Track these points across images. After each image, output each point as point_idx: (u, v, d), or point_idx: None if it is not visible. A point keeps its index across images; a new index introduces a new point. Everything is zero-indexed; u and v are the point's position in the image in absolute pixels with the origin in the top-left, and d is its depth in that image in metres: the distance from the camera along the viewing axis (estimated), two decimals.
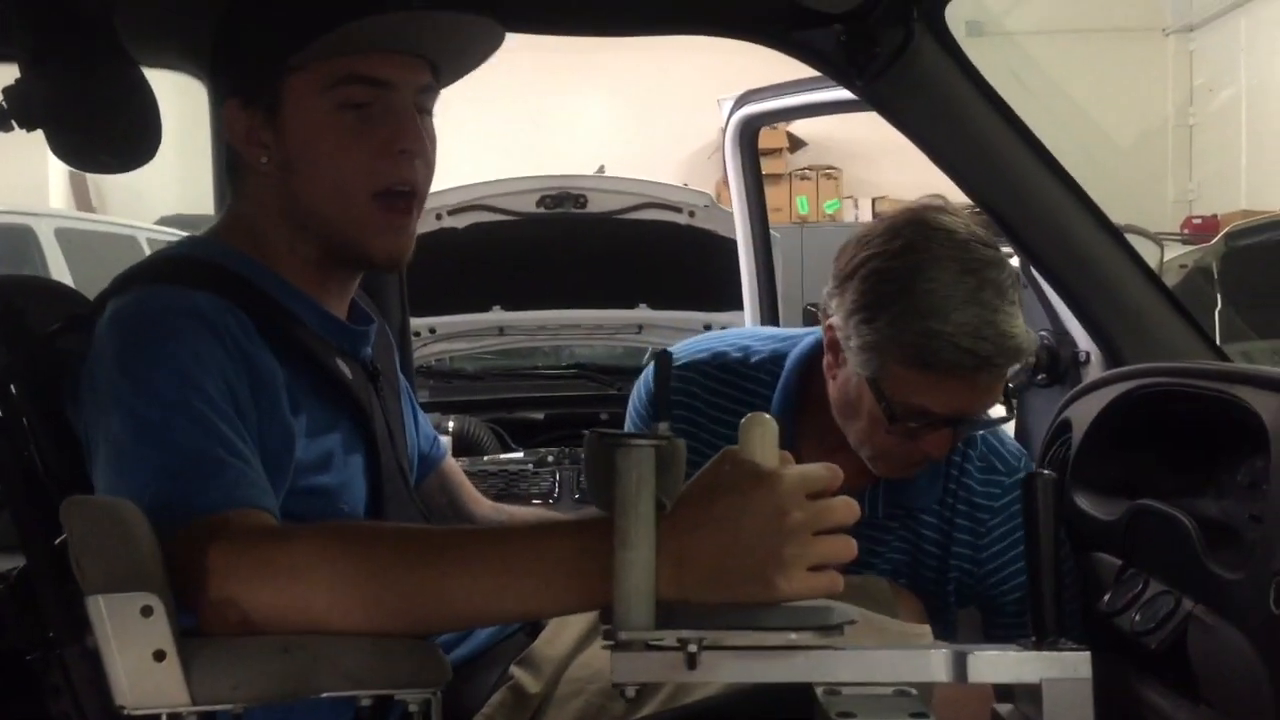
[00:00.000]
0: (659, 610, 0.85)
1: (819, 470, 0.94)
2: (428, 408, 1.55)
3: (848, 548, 0.93)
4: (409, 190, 1.22)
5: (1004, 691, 1.04)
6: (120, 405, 1.07)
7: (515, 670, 1.35)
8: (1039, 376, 2.04)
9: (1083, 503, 1.61)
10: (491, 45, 1.28)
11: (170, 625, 0.91)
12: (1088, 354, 1.95)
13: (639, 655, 0.85)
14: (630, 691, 0.86)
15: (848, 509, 0.93)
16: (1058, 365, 2.01)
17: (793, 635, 0.87)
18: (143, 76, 1.37)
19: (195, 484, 1.02)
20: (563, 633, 1.35)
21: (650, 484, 0.85)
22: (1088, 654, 0.85)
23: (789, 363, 1.60)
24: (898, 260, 1.40)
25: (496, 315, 3.59)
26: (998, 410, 1.54)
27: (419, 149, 1.22)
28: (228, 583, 0.95)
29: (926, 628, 1.58)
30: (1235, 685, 1.18)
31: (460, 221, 3.50)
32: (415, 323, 3.10)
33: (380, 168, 1.20)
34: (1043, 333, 2.05)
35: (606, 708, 1.29)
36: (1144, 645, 1.33)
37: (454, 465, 1.59)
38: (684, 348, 1.65)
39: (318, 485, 1.17)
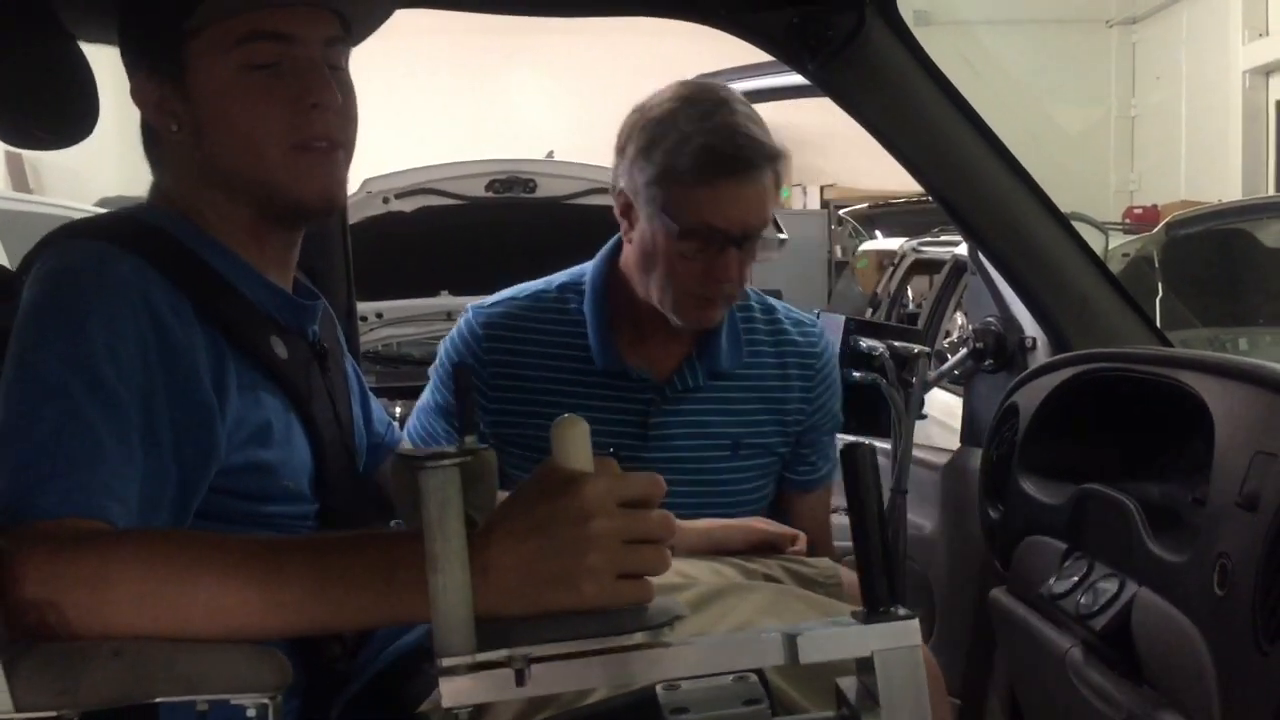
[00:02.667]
0: (483, 627, 0.83)
1: (637, 480, 0.92)
2: (375, 393, 1.53)
3: (659, 560, 0.92)
4: (326, 144, 1.20)
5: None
6: (6, 376, 1.04)
7: None
8: (986, 362, 2.06)
9: (1029, 487, 1.62)
10: None
11: None
12: (1034, 340, 1.97)
13: (469, 677, 0.82)
14: (464, 715, 0.84)
15: (663, 523, 0.92)
16: (1004, 351, 2.03)
17: (620, 640, 0.85)
18: (79, 50, 1.33)
19: (37, 484, 0.99)
20: None
21: (456, 504, 0.83)
22: (915, 621, 0.86)
23: (590, 272, 1.75)
24: (662, 109, 1.64)
25: (444, 300, 3.56)
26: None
27: (330, 101, 1.18)
28: (34, 588, 0.93)
29: None
30: (1178, 667, 1.19)
31: (408, 205, 3.48)
32: (362, 307, 3.07)
33: (294, 124, 1.17)
34: (990, 319, 2.07)
35: (555, 694, 1.28)
36: (1089, 627, 1.34)
37: (409, 449, 1.57)
38: (491, 298, 1.81)
39: (259, 461, 1.15)
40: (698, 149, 1.57)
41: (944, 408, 3.10)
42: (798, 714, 1.05)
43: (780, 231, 1.73)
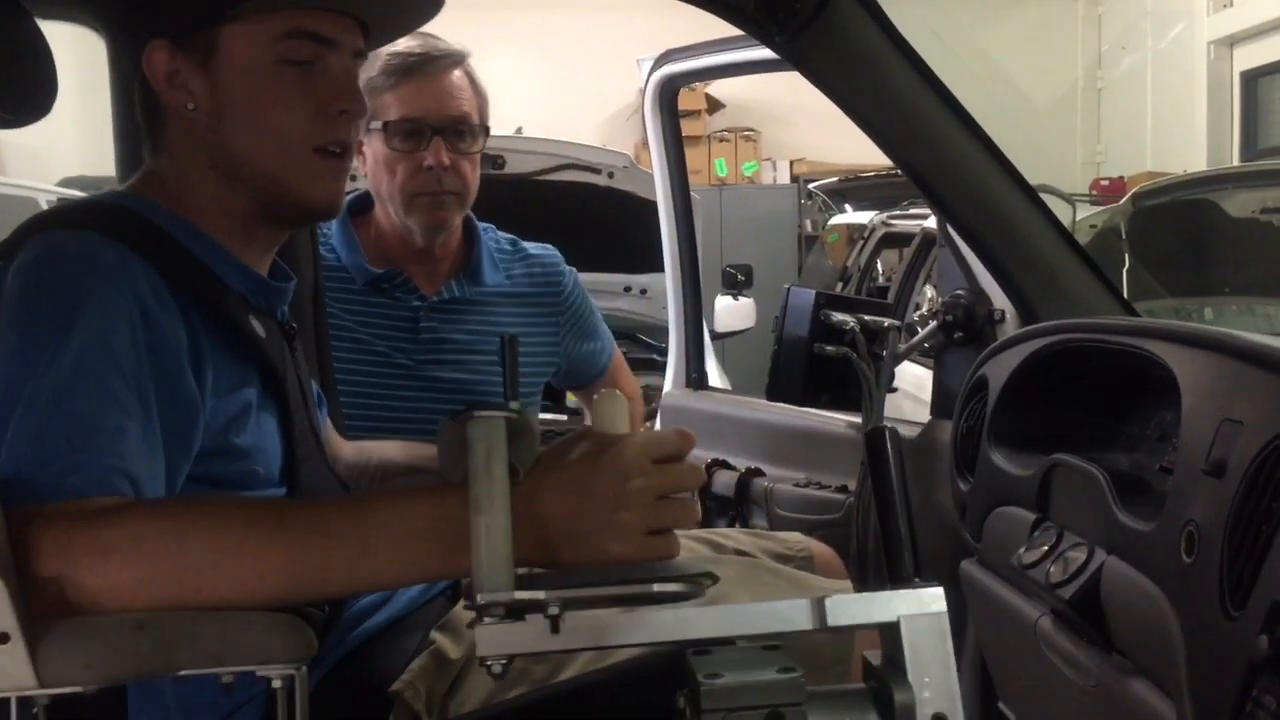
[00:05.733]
0: (519, 579, 0.86)
1: (669, 438, 0.99)
2: None
3: (689, 513, 0.98)
4: (342, 151, 1.23)
5: None
6: (4, 362, 1.03)
7: (436, 635, 1.34)
8: (956, 335, 2.07)
9: (998, 458, 1.63)
10: (431, 14, 1.30)
11: (14, 606, 0.87)
12: (1003, 312, 1.98)
13: (504, 627, 0.85)
14: (496, 667, 0.86)
15: (693, 474, 0.99)
16: (974, 323, 2.03)
17: (654, 586, 0.89)
18: (36, 27, 1.31)
19: (53, 464, 0.98)
20: None
21: (502, 451, 0.87)
22: (939, 588, 0.90)
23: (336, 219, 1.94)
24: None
25: None
26: None
27: (358, 110, 1.22)
28: (54, 563, 0.92)
29: (847, 583, 1.61)
30: (1147, 634, 1.21)
31: None
32: None
33: (319, 126, 1.20)
34: (959, 291, 2.07)
35: (528, 671, 1.29)
36: (1058, 596, 1.35)
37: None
38: None
39: (232, 446, 1.14)
40: (385, 63, 1.85)
41: (914, 381, 3.12)
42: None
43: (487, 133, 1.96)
